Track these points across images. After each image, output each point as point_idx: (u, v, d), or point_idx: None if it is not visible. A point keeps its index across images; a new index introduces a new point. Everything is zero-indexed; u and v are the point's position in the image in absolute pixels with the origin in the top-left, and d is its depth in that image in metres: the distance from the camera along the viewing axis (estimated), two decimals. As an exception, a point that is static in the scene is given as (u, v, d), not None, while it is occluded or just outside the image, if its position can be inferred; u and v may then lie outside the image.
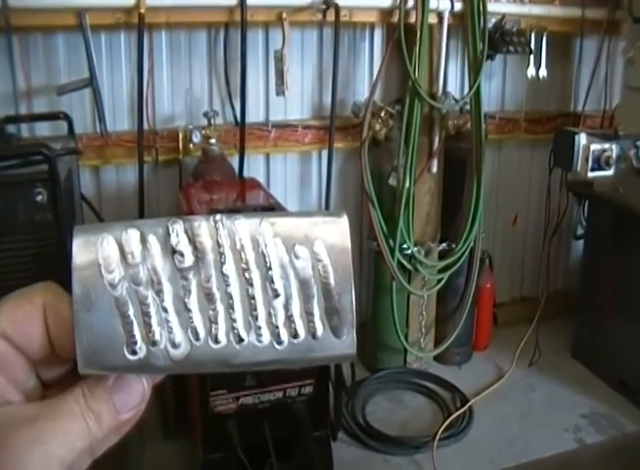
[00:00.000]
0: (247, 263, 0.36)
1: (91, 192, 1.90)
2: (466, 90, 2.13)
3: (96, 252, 0.35)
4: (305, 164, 2.17)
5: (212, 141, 1.86)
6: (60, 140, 1.61)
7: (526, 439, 1.90)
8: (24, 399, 0.38)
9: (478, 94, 1.98)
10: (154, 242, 0.36)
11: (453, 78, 2.21)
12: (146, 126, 1.84)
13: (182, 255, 0.35)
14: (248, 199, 1.79)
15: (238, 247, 0.36)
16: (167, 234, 0.36)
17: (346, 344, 0.36)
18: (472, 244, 2.13)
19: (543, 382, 2.18)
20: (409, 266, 2.10)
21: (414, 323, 2.21)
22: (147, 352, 0.35)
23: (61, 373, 0.40)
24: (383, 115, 2.02)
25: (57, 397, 0.37)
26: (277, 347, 0.36)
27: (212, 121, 1.87)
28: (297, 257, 0.36)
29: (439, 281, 2.15)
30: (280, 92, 1.89)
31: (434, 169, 2.12)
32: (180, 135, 1.90)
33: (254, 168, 2.07)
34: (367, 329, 2.18)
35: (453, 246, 2.13)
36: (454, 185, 2.15)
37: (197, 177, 1.86)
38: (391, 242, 2.02)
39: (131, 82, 1.87)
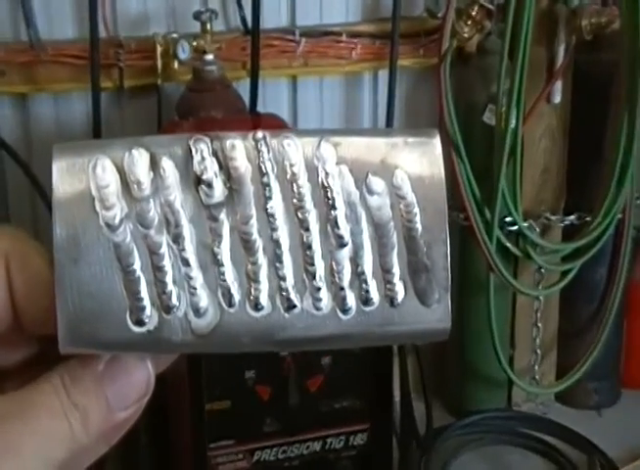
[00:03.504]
0: (301, 199, 0.40)
1: (15, 135, 1.94)
2: (610, -31, 2.12)
3: (87, 180, 0.39)
4: (353, 93, 2.20)
5: (209, 58, 1.89)
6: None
7: None
8: None
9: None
10: (169, 167, 0.40)
11: (590, -50, 2.21)
12: (103, 33, 1.88)
13: (210, 185, 0.40)
14: (264, 146, 1.83)
15: (288, 176, 0.40)
16: (189, 157, 0.40)
17: (437, 314, 0.40)
18: (619, 216, 2.14)
19: None
20: (516, 251, 2.11)
21: (524, 340, 2.22)
22: (159, 321, 0.39)
23: (25, 356, 0.44)
24: (474, 13, 2.03)
25: (27, 387, 0.40)
26: (341, 316, 0.40)
27: (209, 27, 1.90)
28: (370, 191, 0.40)
29: (565, 274, 2.17)
30: (312, -20, 1.91)
31: (557, 98, 2.13)
32: (158, 48, 1.93)
33: (275, 99, 2.10)
34: (449, 348, 2.22)
35: (587, 219, 2.14)
36: (589, 123, 2.16)
37: (185, 113, 1.90)
38: (488, 213, 2.05)
39: (77, -37, 1.92)
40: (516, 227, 2.10)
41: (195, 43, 1.91)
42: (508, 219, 2.08)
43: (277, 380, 1.50)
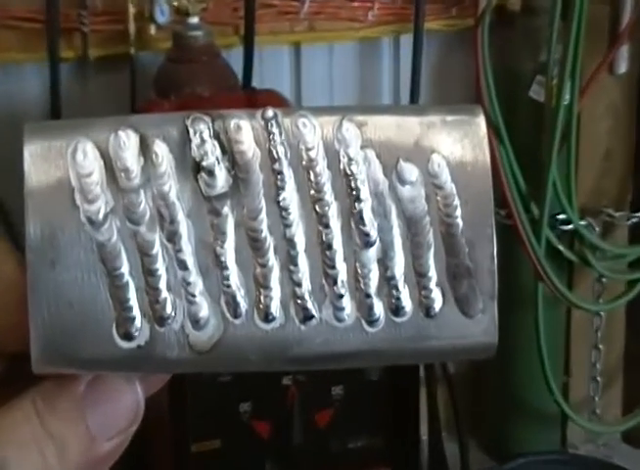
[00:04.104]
0: (319, 190, 0.41)
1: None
2: None
3: (65, 167, 0.40)
4: (369, 62, 2.21)
5: (193, 21, 1.90)
6: None
7: None
8: None
9: None
10: (163, 152, 0.41)
11: None
12: (63, -9, 1.90)
13: (211, 174, 0.40)
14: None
15: (304, 162, 0.41)
16: (186, 139, 0.41)
17: (482, 326, 0.41)
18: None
19: None
20: (570, 255, 2.12)
21: (581, 366, 2.23)
22: (151, 335, 0.40)
23: None
24: (519, -37, 2.05)
25: None
26: (368, 329, 0.41)
27: (192, -17, 1.91)
28: (401, 180, 0.41)
29: (632, 285, 2.17)
30: None
31: (622, 68, 2.14)
32: (131, 9, 1.94)
33: (274, 72, 2.10)
34: (489, 375, 2.22)
35: (660, 217, 2.15)
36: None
37: (164, 90, 1.90)
38: (535, 209, 2.05)
39: None
40: (570, 226, 2.09)
41: (175, 3, 1.91)
42: (560, 217, 2.08)
43: (278, 414, 1.49)
